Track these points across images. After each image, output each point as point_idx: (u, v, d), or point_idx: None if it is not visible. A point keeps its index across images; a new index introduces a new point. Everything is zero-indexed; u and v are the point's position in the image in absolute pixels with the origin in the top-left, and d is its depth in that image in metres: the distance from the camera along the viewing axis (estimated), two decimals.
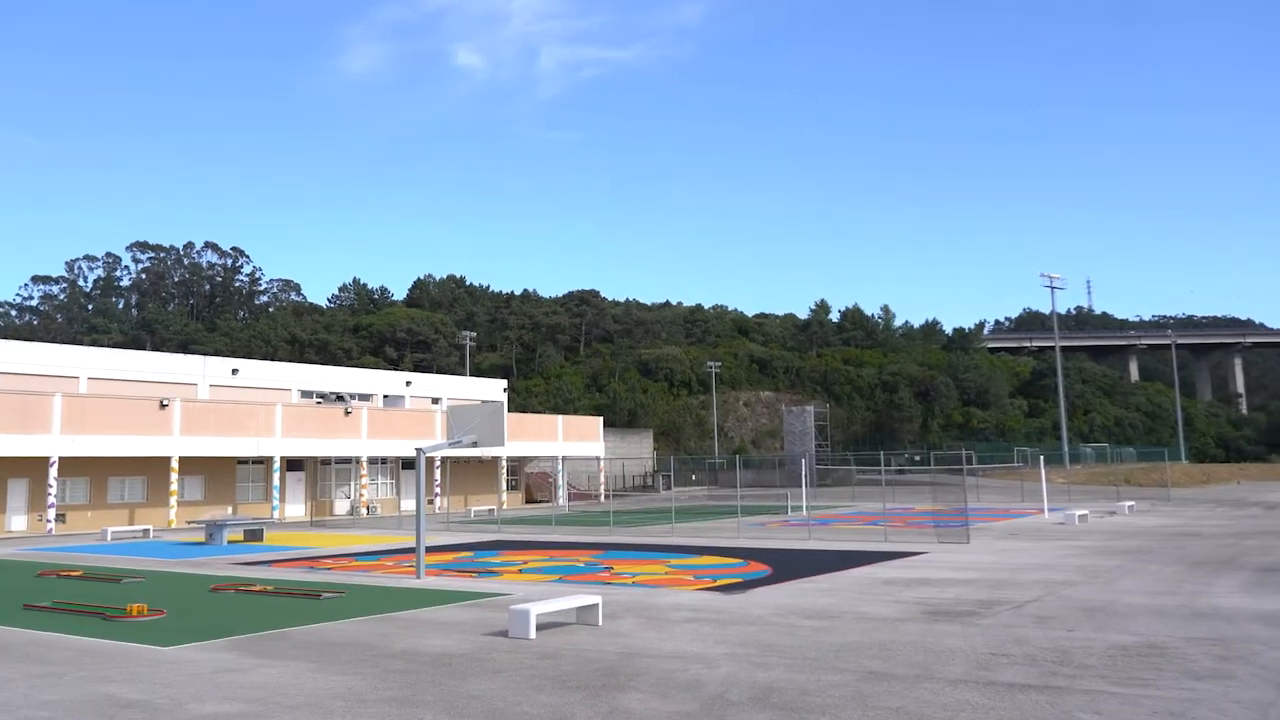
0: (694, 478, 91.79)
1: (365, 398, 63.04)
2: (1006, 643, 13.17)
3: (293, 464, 53.64)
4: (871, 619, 15.36)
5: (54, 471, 42.07)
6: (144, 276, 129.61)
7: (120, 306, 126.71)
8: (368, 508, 54.50)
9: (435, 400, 66.41)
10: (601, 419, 73.80)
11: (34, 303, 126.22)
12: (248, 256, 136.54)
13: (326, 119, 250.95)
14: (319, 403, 57.70)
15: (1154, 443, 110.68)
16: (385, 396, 64.79)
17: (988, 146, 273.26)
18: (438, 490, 57.34)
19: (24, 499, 43.52)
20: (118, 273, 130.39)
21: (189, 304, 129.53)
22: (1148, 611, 15.65)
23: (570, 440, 67.31)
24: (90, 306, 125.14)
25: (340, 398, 60.39)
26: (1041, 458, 49.27)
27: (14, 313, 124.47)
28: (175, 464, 46.07)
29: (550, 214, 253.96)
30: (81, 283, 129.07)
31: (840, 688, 10.65)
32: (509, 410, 30.11)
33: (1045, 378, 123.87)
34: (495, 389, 72.88)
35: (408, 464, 59.08)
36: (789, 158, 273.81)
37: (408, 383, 67.18)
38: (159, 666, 12.53)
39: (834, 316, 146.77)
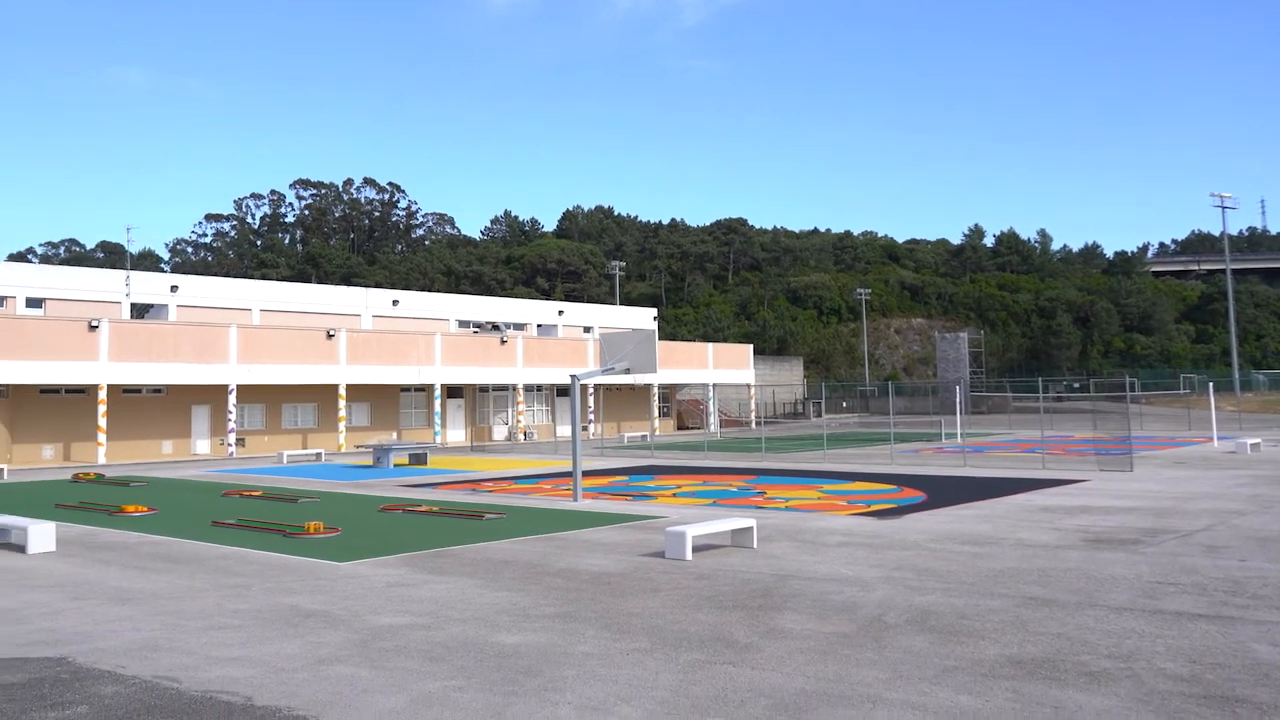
0: (844, 405, 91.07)
1: (519, 327, 64.39)
2: (1174, 571, 12.85)
3: (452, 391, 55.36)
4: (1030, 545, 15.16)
5: (233, 399, 44.45)
6: (307, 213, 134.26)
7: (286, 242, 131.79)
8: (525, 433, 55.93)
9: (587, 329, 67.37)
10: (751, 347, 73.69)
11: (207, 240, 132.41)
12: (404, 191, 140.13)
13: (474, 55, 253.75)
14: (475, 332, 59.21)
15: None
16: (539, 326, 66.05)
17: (1153, 59, 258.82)
18: (591, 417, 58.41)
19: (206, 424, 46.21)
20: (283, 209, 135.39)
21: (349, 238, 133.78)
22: None
23: (720, 368, 67.48)
24: (258, 242, 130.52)
25: (496, 327, 61.83)
26: (1210, 384, 47.21)
27: (190, 249, 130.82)
28: (343, 391, 48.09)
29: (696, 143, 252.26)
30: (250, 220, 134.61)
31: (999, 613, 10.61)
32: (659, 339, 30.42)
33: (1214, 302, 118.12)
34: (645, 317, 73.46)
35: (562, 391, 60.28)
36: (939, 78, 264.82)
37: (560, 312, 68.29)
38: (337, 580, 13.28)
39: (988, 241, 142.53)
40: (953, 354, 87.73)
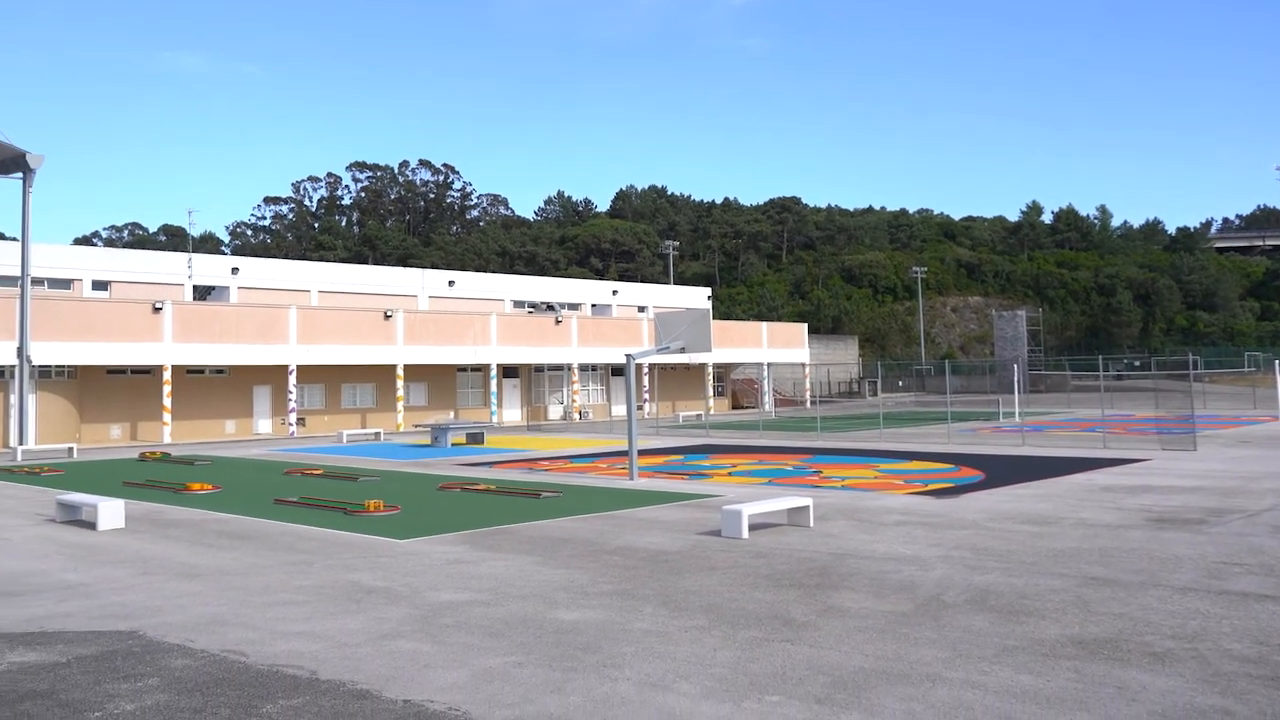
0: (900, 384, 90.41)
1: (574, 307, 64.59)
2: (1240, 552, 12.64)
3: (508, 371, 55.71)
4: (1091, 525, 14.99)
5: (293, 379, 45.10)
6: (363, 195, 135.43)
7: (343, 224, 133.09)
8: (580, 413, 56.19)
9: (641, 309, 67.41)
10: (805, 326, 73.34)
11: (266, 222, 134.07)
12: (458, 173, 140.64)
13: (527, 36, 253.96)
14: (530, 312, 59.51)
15: None
16: (593, 305, 66.22)
17: (1216, 29, 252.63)
18: (646, 396, 58.52)
19: (268, 404, 46.96)
20: (339, 192, 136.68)
21: (405, 220, 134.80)
22: None
23: (775, 347, 67.27)
24: (316, 225, 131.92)
25: (550, 307, 62.07)
26: (1276, 362, 46.21)
27: (249, 232, 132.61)
28: (400, 371, 48.60)
29: (749, 121, 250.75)
30: (307, 202, 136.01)
31: (1060, 592, 10.51)
32: (713, 318, 30.30)
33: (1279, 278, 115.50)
34: (699, 297, 73.37)
35: (617, 370, 60.44)
36: (995, 52, 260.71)
37: (614, 292, 68.39)
38: (397, 557, 13.46)
39: (1046, 218, 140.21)
40: (1010, 332, 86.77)
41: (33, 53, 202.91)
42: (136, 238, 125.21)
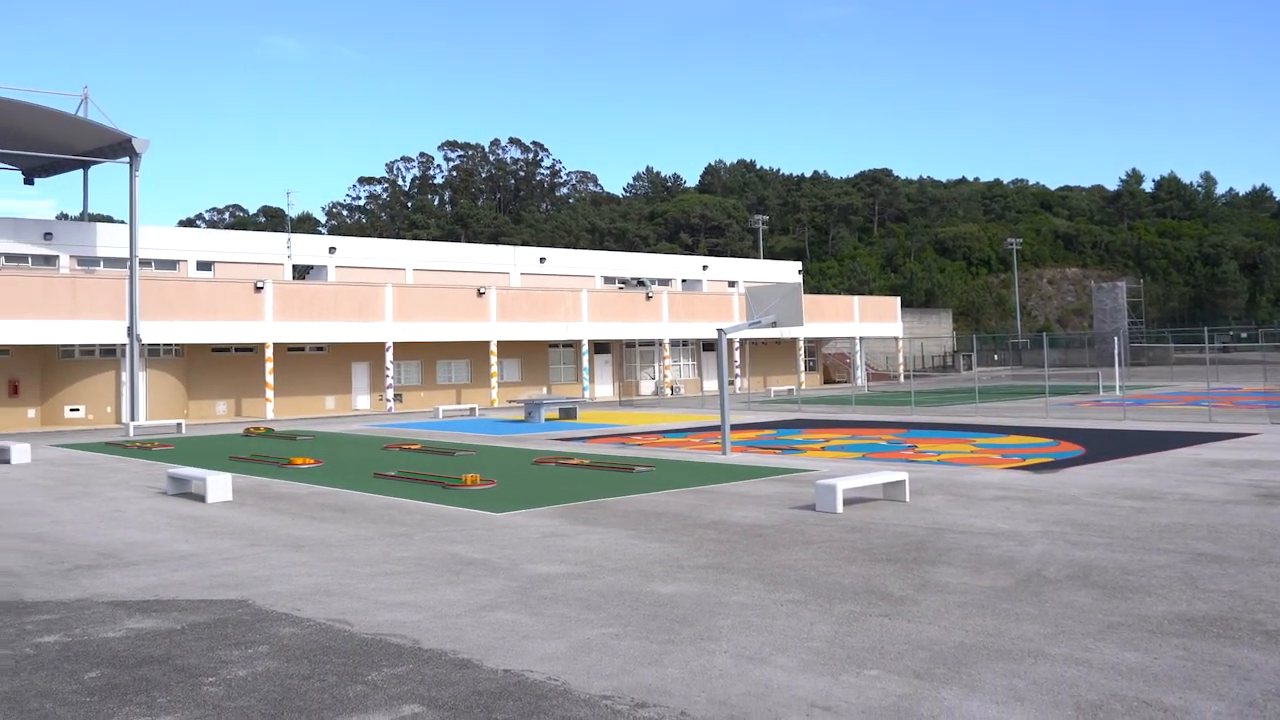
0: (996, 358, 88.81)
1: (664, 282, 64.61)
2: None
3: (599, 346, 56.00)
4: (1198, 500, 14.59)
5: (389, 356, 45.95)
6: (455, 174, 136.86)
7: (435, 203, 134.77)
8: (671, 388, 56.29)
9: (731, 284, 67.18)
10: (898, 299, 72.40)
11: (361, 202, 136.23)
12: (547, 150, 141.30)
13: (612, 13, 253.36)
14: (621, 288, 59.68)
15: None
16: (683, 281, 66.18)
17: None
18: (738, 371, 58.39)
19: (366, 381, 47.93)
20: (431, 171, 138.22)
21: (496, 198, 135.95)
22: None
23: (867, 321, 66.56)
24: (409, 204, 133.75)
25: (641, 283, 62.18)
26: None
27: (345, 212, 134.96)
28: (494, 348, 49.17)
29: (837, 93, 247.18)
30: (400, 182, 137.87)
31: (1166, 569, 10.27)
32: (803, 292, 30.02)
33: None
34: (790, 271, 72.85)
35: (708, 345, 60.36)
36: (1090, 15, 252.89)
37: (704, 267, 68.23)
38: (494, 530, 13.67)
39: (1147, 186, 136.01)
40: (1110, 304, 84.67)
41: (139, 40, 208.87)
42: (237, 219, 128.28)
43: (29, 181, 48.05)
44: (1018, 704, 6.47)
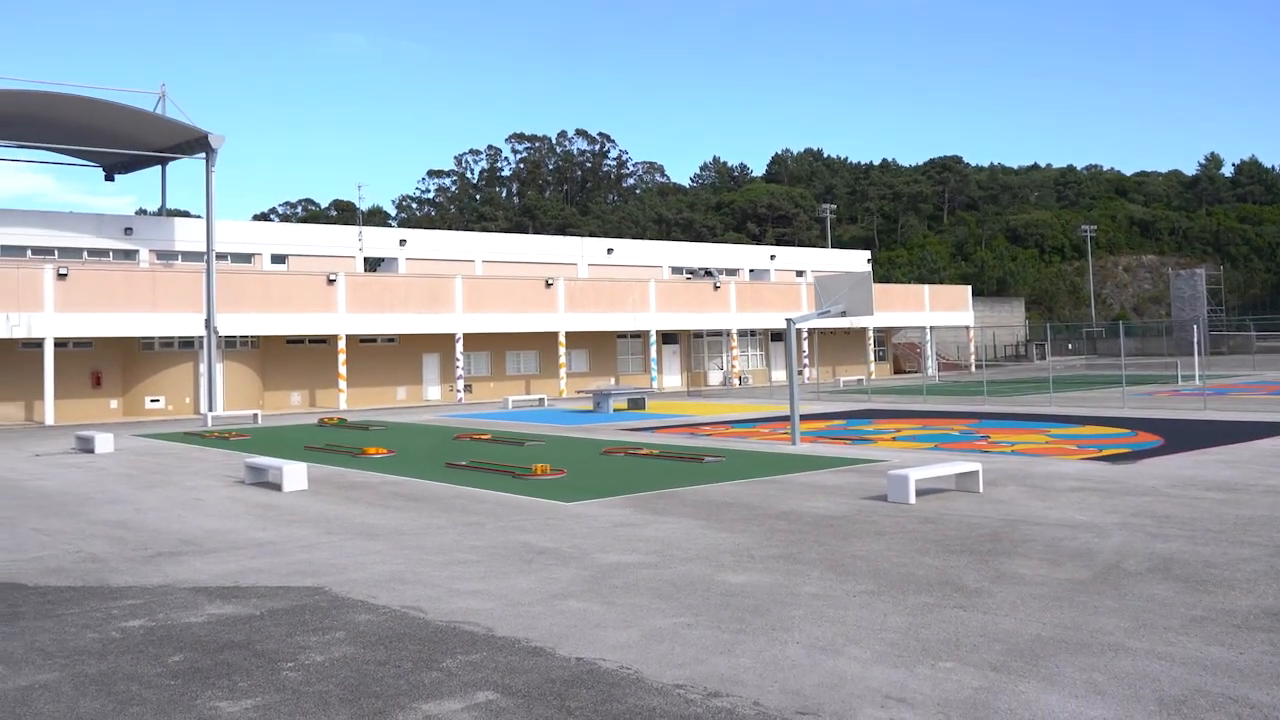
0: (1070, 347, 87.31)
1: (731, 272, 64.40)
2: None
3: (667, 337, 56.00)
4: None
5: (459, 346, 46.39)
6: (522, 166, 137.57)
7: (503, 195, 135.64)
8: (739, 378, 56.13)
9: (799, 273, 66.76)
10: (969, 288, 71.42)
11: (430, 195, 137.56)
12: (614, 141, 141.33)
13: (676, 2, 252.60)
14: (688, 278, 59.60)
15: None
16: (750, 271, 65.89)
17: None
18: (806, 361, 58.05)
19: (436, 371, 48.46)
20: (499, 163, 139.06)
21: (563, 189, 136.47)
22: None
23: (937, 310, 65.79)
24: (477, 196, 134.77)
25: (708, 273, 62.02)
26: None
27: (414, 205, 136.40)
28: (562, 338, 49.41)
29: (906, 80, 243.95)
30: (469, 175, 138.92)
31: (1251, 562, 10.02)
32: (872, 281, 29.61)
33: None
34: (858, 260, 72.19)
35: (776, 336, 60.04)
36: None
37: (772, 256, 67.88)
38: (564, 519, 13.74)
39: (1227, 171, 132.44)
40: (1188, 291, 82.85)
41: (212, 38, 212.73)
42: (309, 213, 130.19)
43: (109, 178, 49.27)
44: (1098, 698, 6.36)
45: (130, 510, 15.72)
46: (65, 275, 37.67)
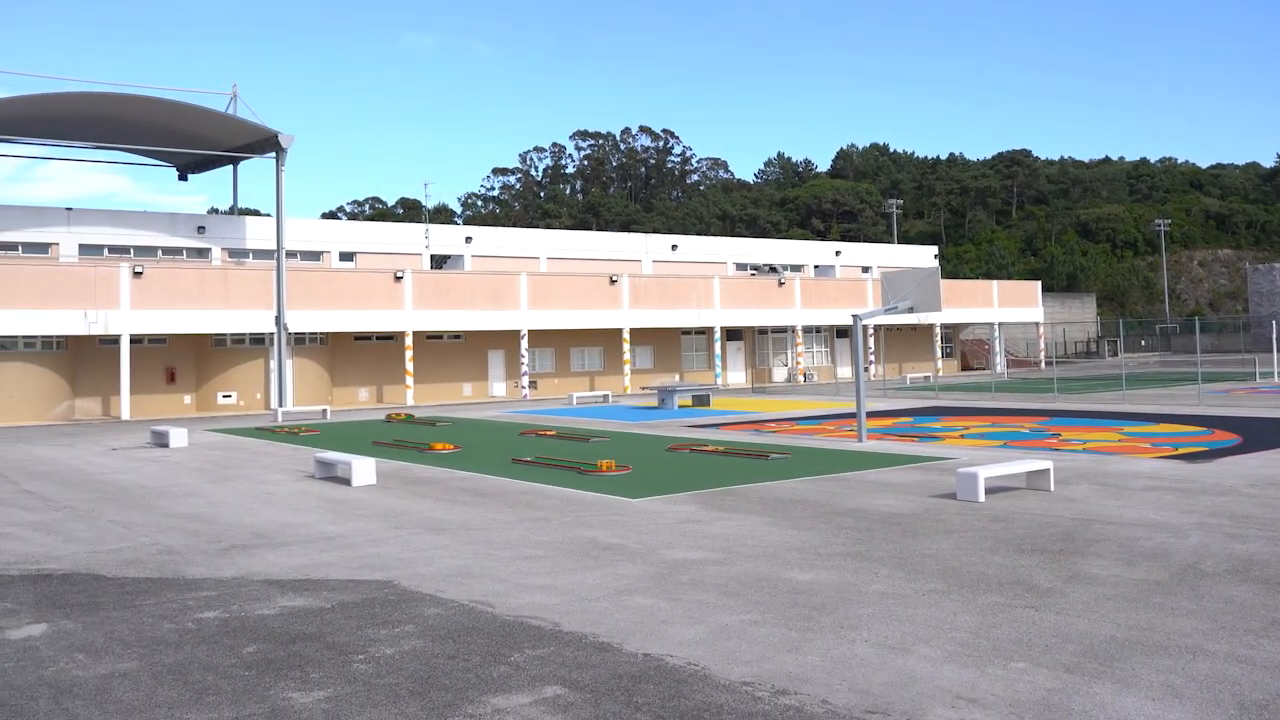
0: (1143, 343, 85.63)
1: (796, 269, 64.07)
2: None
3: (731, 333, 55.88)
4: None
5: (524, 343, 46.68)
6: (586, 163, 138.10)
7: (567, 192, 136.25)
8: (805, 375, 55.83)
9: (865, 269, 66.23)
10: (1038, 284, 70.34)
11: (495, 193, 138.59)
12: (677, 138, 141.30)
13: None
14: (753, 275, 59.38)
15: None
16: (815, 267, 65.50)
17: None
18: (872, 358, 57.57)
19: (502, 368, 48.82)
20: (563, 161, 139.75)
21: (626, 186, 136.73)
22: None
23: (1006, 306, 64.88)
24: (542, 194, 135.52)
25: (773, 269, 61.76)
26: None
27: (480, 203, 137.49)
28: (626, 335, 49.50)
29: (973, 72, 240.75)
30: (533, 172, 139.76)
31: None
32: (940, 277, 29.13)
33: None
34: (925, 256, 71.41)
35: (841, 332, 59.62)
36: None
37: (837, 252, 67.40)
38: (630, 515, 13.76)
39: None
40: (1267, 287, 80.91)
41: (282, 38, 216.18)
42: (376, 211, 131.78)
43: (183, 178, 50.28)
44: (1175, 701, 6.23)
45: (204, 504, 16.03)
46: (141, 273, 38.54)
